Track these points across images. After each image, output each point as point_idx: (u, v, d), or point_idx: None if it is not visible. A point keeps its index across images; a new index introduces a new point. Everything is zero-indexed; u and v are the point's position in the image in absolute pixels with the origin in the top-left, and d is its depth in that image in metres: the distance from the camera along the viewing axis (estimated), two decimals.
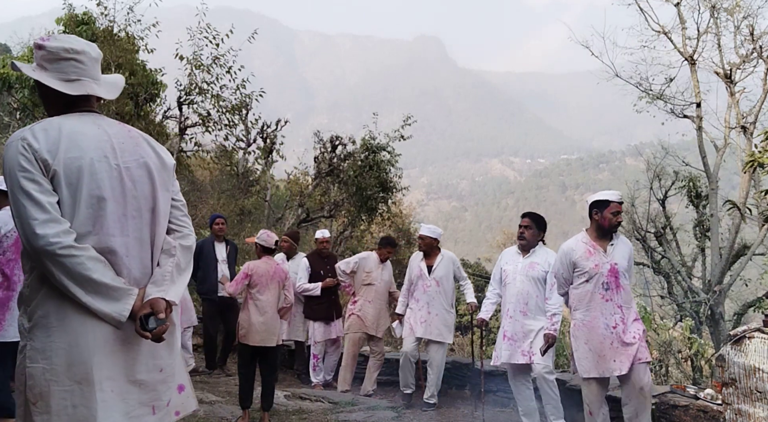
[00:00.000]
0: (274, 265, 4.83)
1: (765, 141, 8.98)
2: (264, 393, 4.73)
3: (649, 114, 13.30)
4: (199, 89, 11.60)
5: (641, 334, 3.87)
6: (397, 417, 5.18)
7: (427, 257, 5.65)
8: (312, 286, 6.51)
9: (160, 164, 1.95)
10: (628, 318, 3.88)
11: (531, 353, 4.49)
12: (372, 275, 6.21)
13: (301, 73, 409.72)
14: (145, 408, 1.82)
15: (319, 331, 6.50)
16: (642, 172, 14.30)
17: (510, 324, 4.59)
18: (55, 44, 1.87)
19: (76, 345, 1.71)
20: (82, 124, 1.83)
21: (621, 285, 3.91)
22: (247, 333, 4.68)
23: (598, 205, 4.00)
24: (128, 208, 1.84)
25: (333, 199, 12.51)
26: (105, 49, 11.18)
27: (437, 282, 5.54)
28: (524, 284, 4.60)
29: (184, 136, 12.28)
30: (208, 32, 11.63)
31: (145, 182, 1.89)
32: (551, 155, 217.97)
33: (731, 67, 11.90)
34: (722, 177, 12.62)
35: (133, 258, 1.85)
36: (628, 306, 3.92)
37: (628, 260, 3.99)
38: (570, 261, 4.02)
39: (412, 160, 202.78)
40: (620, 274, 3.91)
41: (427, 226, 5.80)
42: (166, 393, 1.90)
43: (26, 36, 18.26)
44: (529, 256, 4.69)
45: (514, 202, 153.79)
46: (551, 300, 4.53)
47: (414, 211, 28.41)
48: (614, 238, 4.01)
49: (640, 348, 3.81)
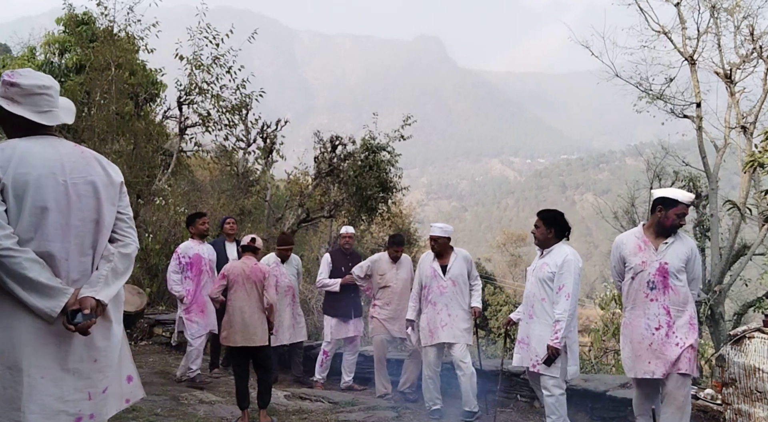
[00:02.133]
0: (251, 265, 4.79)
1: (765, 141, 8.98)
2: (259, 391, 4.72)
3: (649, 114, 13.29)
4: (199, 89, 11.59)
5: (689, 343, 3.63)
6: (397, 417, 5.18)
7: (440, 257, 5.37)
8: (331, 282, 6.42)
9: (108, 181, 2.24)
10: (676, 322, 3.67)
11: (537, 362, 4.19)
12: (386, 277, 6.02)
13: (301, 73, 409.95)
14: (80, 394, 2.07)
15: (336, 328, 6.37)
16: (642, 172, 14.29)
17: (523, 328, 4.40)
18: (28, 82, 2.16)
19: (10, 336, 1.98)
20: (38, 145, 2.12)
21: (670, 286, 3.71)
22: (227, 334, 4.69)
23: (665, 202, 3.77)
24: (72, 219, 2.11)
25: (333, 199, 12.51)
26: (105, 49, 11.19)
27: (453, 282, 5.26)
28: (533, 285, 4.34)
29: (184, 136, 12.28)
30: (208, 32, 11.63)
31: (90, 197, 2.17)
32: (551, 155, 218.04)
33: (731, 67, 11.90)
34: (722, 177, 12.61)
35: (72, 262, 2.12)
36: (679, 309, 3.70)
37: (686, 261, 3.76)
38: (620, 255, 3.88)
39: (412, 160, 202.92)
40: (670, 274, 3.71)
41: (438, 226, 5.45)
42: (103, 382, 2.13)
43: (26, 36, 18.26)
44: (544, 256, 4.38)
45: (514, 202, 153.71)
46: (558, 305, 4.14)
47: (414, 211, 28.43)
48: (672, 237, 3.79)
49: (682, 358, 3.60)
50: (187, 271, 6.09)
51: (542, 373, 4.16)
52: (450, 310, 5.21)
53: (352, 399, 5.71)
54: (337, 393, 6.01)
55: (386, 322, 5.96)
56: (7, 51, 20.36)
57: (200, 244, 6.26)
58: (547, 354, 4.09)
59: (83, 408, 2.07)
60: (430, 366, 5.25)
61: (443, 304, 5.23)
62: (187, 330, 6.04)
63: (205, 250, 6.26)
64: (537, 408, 5.43)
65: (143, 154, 11.15)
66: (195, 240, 6.26)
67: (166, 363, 7.04)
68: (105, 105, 10.82)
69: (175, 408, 5.03)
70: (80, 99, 11.22)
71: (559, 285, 4.16)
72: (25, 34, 18.87)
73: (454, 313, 5.21)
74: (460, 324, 5.20)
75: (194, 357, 6.02)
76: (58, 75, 11.99)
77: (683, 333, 3.66)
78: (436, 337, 5.18)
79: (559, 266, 4.19)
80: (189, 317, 6.02)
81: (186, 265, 6.10)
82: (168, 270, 6.17)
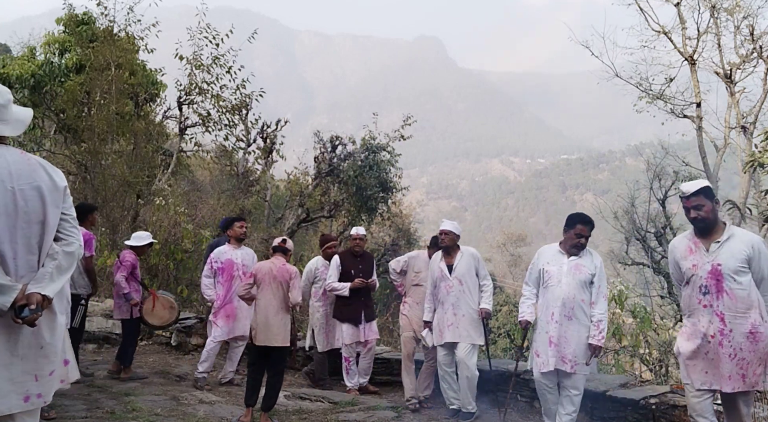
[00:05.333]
0: (279, 265, 4.84)
1: (765, 141, 8.98)
2: (266, 393, 4.74)
3: (649, 114, 13.30)
4: (199, 89, 11.60)
5: (749, 355, 3.31)
6: (397, 417, 5.18)
7: (447, 256, 5.33)
8: (340, 286, 6.18)
9: (53, 186, 2.42)
10: (735, 330, 3.35)
11: (573, 361, 4.23)
12: (421, 275, 5.81)
13: (301, 73, 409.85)
14: (28, 376, 2.33)
15: (347, 333, 6.18)
16: (642, 172, 14.30)
17: (555, 329, 4.29)
18: None
19: None
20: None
21: (725, 290, 3.38)
22: (255, 333, 4.74)
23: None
24: (19, 221, 2.31)
25: (333, 199, 12.51)
26: (105, 49, 11.19)
27: (460, 281, 5.21)
28: (571, 287, 4.29)
29: (184, 136, 12.29)
30: (208, 32, 11.64)
31: (36, 201, 2.35)
32: (551, 155, 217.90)
33: (731, 67, 11.91)
34: (722, 177, 12.62)
35: (20, 260, 2.33)
36: (738, 315, 3.36)
37: (746, 260, 3.38)
38: (673, 259, 3.66)
39: (412, 160, 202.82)
40: (725, 276, 3.38)
41: (450, 222, 5.40)
42: (48, 366, 2.39)
43: (26, 36, 18.28)
44: (575, 258, 4.36)
45: (514, 202, 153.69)
46: (598, 306, 4.27)
47: (414, 211, 28.41)
48: (725, 234, 3.45)
49: (747, 373, 3.31)
50: (218, 276, 6.06)
51: (578, 372, 4.25)
52: (456, 310, 5.16)
53: (352, 399, 5.70)
54: (337, 393, 6.00)
55: (413, 321, 5.78)
56: (7, 51, 20.35)
57: (235, 249, 6.18)
58: (591, 354, 4.21)
59: (31, 389, 2.33)
60: (441, 365, 5.27)
61: (450, 304, 5.19)
62: (210, 333, 6.09)
63: (239, 255, 6.17)
64: (537, 408, 5.42)
65: (143, 154, 11.15)
66: (231, 245, 6.20)
67: (166, 363, 7.04)
68: (105, 105, 10.82)
69: (175, 408, 5.03)
70: (80, 99, 11.23)
71: (598, 286, 4.30)
72: (25, 34, 18.90)
73: (461, 313, 5.15)
74: (466, 324, 5.14)
75: (203, 359, 5.99)
76: (58, 75, 11.99)
77: (738, 344, 3.33)
78: (443, 337, 5.18)
79: (597, 267, 4.34)
80: (215, 321, 6.05)
81: (218, 270, 6.07)
82: (203, 274, 6.23)
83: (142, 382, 6.02)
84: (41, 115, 12.84)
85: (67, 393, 5.22)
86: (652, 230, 13.02)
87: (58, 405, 4.77)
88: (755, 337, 3.33)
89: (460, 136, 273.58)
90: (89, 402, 5.00)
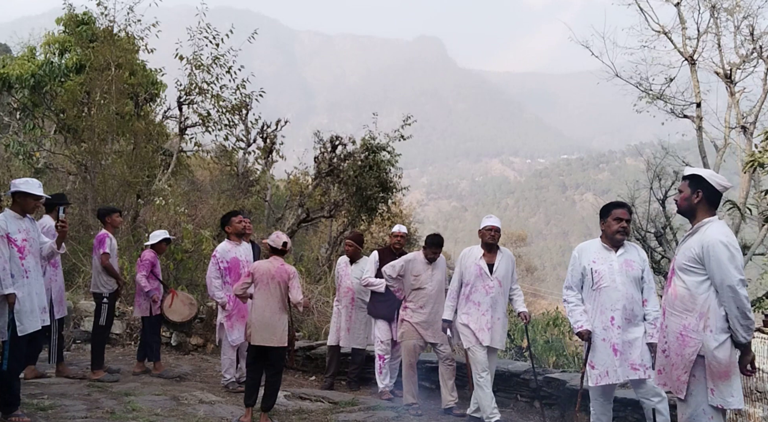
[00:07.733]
0: (277, 265, 4.83)
1: (765, 141, 8.98)
2: (265, 393, 4.74)
3: (649, 114, 13.31)
4: (199, 89, 11.60)
5: (674, 357, 3.18)
6: (397, 417, 5.18)
7: (488, 253, 5.02)
8: (377, 282, 6.01)
9: None
10: (669, 327, 3.25)
11: (644, 366, 3.93)
12: (421, 278, 5.55)
13: (301, 73, 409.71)
14: None
15: (383, 330, 6.03)
16: (642, 172, 14.31)
17: (618, 335, 3.94)
18: None
19: None
20: None
21: (671, 284, 3.28)
22: (251, 332, 4.74)
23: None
24: None
25: (333, 199, 12.50)
26: (105, 49, 11.19)
27: (500, 283, 4.98)
28: (627, 287, 3.98)
29: (184, 136, 12.29)
30: (208, 32, 11.63)
31: None
32: (551, 155, 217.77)
33: (731, 67, 11.91)
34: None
35: None
36: (674, 312, 3.22)
37: (695, 258, 3.13)
38: None
39: (412, 160, 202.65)
40: (675, 271, 3.26)
41: (496, 218, 5.16)
42: None
43: (26, 36, 18.28)
44: (622, 253, 4.07)
45: (514, 202, 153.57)
46: (651, 303, 4.04)
47: (414, 211, 28.41)
48: (696, 227, 3.22)
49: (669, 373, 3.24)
50: (226, 276, 5.89)
51: (652, 377, 3.85)
52: (494, 313, 4.97)
53: (352, 399, 5.70)
54: (337, 393, 6.00)
55: (420, 326, 5.49)
56: (7, 51, 20.34)
57: (237, 246, 6.03)
58: (652, 354, 3.88)
59: None
60: (478, 368, 4.91)
61: (488, 305, 4.96)
62: (227, 337, 5.89)
63: (241, 252, 6.03)
64: (537, 408, 5.42)
65: (143, 154, 11.14)
66: (232, 241, 6.03)
67: (166, 363, 7.03)
68: (105, 105, 10.81)
69: (175, 408, 5.03)
70: (80, 99, 11.23)
71: (648, 281, 4.07)
72: (25, 34, 18.90)
73: (496, 316, 4.98)
74: (499, 329, 5.00)
75: (227, 366, 5.92)
76: (58, 75, 11.98)
77: (669, 342, 3.21)
78: (481, 340, 4.93)
79: (645, 261, 4.12)
80: (230, 324, 5.89)
81: (225, 270, 5.90)
82: (208, 275, 5.96)
83: (142, 382, 6.03)
84: (41, 115, 12.84)
85: (67, 393, 5.23)
86: (652, 230, 13.03)
87: (58, 405, 4.77)
88: (684, 341, 3.11)
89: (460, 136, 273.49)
90: (89, 402, 5.00)
